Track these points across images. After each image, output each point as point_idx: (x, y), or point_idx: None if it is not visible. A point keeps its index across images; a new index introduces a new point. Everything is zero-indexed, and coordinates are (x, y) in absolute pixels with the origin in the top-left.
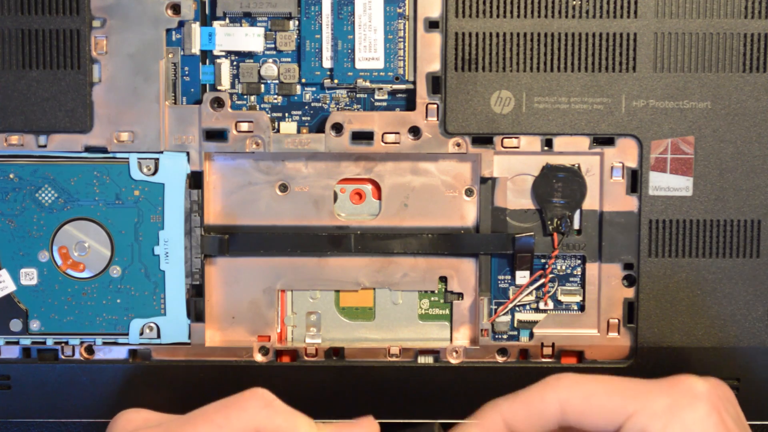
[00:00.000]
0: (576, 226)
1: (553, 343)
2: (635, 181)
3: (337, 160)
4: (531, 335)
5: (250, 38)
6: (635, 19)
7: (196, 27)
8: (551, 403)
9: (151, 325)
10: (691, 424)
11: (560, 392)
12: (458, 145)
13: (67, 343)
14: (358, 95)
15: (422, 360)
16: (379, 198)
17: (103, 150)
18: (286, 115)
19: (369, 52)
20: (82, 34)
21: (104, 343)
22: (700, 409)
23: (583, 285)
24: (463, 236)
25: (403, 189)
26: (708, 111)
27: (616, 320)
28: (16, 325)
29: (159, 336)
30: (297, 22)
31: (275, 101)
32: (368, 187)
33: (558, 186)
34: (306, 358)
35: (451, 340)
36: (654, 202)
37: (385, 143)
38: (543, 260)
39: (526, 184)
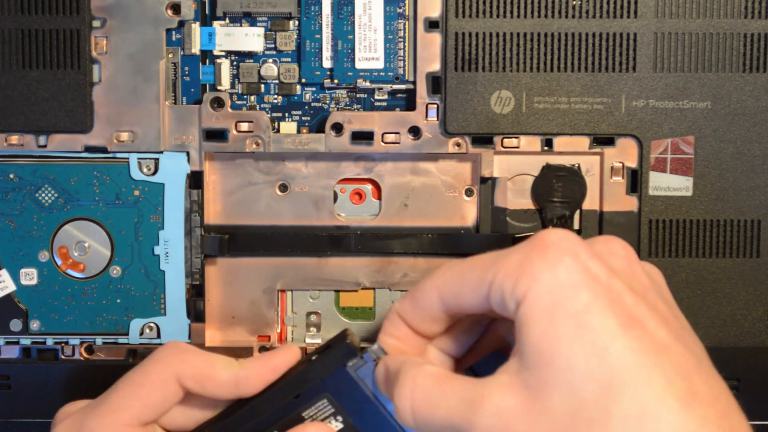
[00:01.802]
0: (576, 226)
1: None
2: (635, 181)
3: (337, 160)
4: None
5: (250, 38)
6: (635, 19)
7: (196, 27)
8: (429, 291)
9: (151, 325)
10: (539, 273)
11: (436, 280)
12: (458, 145)
13: (67, 343)
14: (358, 95)
15: None
16: (379, 198)
17: (103, 150)
18: (286, 115)
19: (369, 52)
20: (82, 34)
21: (104, 343)
22: (551, 257)
23: None
24: (463, 236)
25: (403, 189)
26: (708, 111)
27: None
28: (16, 325)
29: (159, 336)
30: (297, 22)
31: (275, 101)
32: (368, 187)
33: (558, 186)
34: None
35: None
36: (654, 202)
37: (385, 143)
38: None
39: (526, 184)
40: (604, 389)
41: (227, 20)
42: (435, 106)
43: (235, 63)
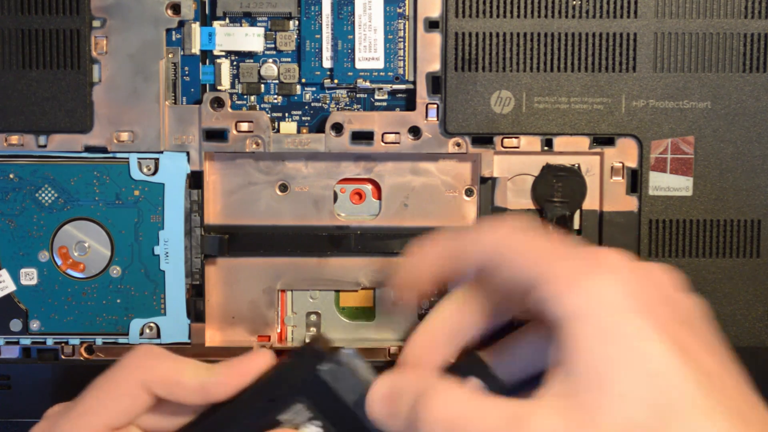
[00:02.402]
0: (576, 226)
1: None
2: (635, 181)
3: (337, 160)
4: None
5: (250, 38)
6: (635, 19)
7: (196, 27)
8: (486, 243)
9: (151, 325)
10: (596, 292)
11: (498, 236)
12: (458, 145)
13: (67, 343)
14: (358, 95)
15: None
16: (379, 198)
17: (103, 150)
18: (286, 115)
19: (369, 52)
20: (82, 34)
21: (104, 343)
22: (609, 278)
23: None
24: None
25: (403, 189)
26: (708, 111)
27: None
28: (16, 325)
29: (159, 336)
30: (297, 22)
31: (275, 101)
32: (368, 187)
33: (558, 186)
34: None
35: None
36: (654, 202)
37: (385, 143)
38: None
39: (526, 184)
40: (657, 415)
41: (227, 20)
42: (435, 106)
43: (235, 63)
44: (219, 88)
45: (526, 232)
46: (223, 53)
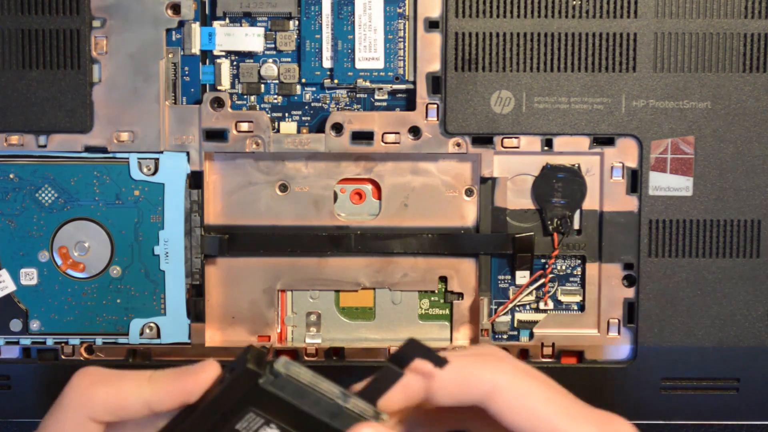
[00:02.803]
0: (576, 226)
1: (553, 343)
2: (635, 181)
3: (337, 160)
4: (531, 335)
5: (250, 38)
6: (635, 19)
7: (196, 27)
8: (485, 382)
9: (151, 325)
10: None
11: (497, 376)
12: (458, 145)
13: (67, 343)
14: (358, 95)
15: None
16: (379, 198)
17: (103, 150)
18: (286, 115)
19: (369, 52)
20: (82, 34)
21: (104, 343)
22: None
23: (583, 285)
24: (463, 236)
25: (403, 189)
26: (708, 111)
27: (616, 320)
28: (16, 325)
29: (159, 336)
30: (297, 22)
31: (275, 101)
32: (368, 187)
33: (558, 186)
34: (306, 358)
35: (451, 340)
36: (654, 202)
37: (385, 143)
38: (543, 260)
39: (526, 184)
40: None
41: (227, 20)
42: (435, 106)
43: (235, 63)
44: (219, 88)
45: (525, 375)
46: (223, 53)
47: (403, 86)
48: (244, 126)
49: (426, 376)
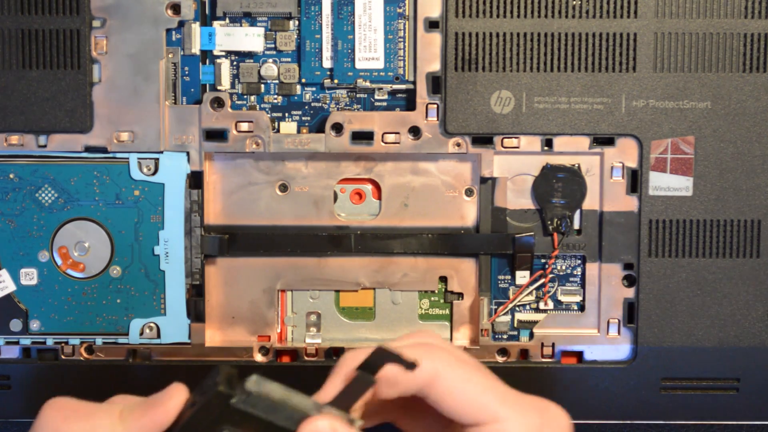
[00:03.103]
0: (576, 226)
1: (553, 343)
2: (635, 181)
3: (337, 160)
4: (531, 335)
5: (250, 38)
6: (635, 19)
7: (196, 27)
8: (425, 370)
9: (151, 325)
10: None
11: (437, 364)
12: (458, 145)
13: (67, 343)
14: (358, 95)
15: None
16: (379, 198)
17: (103, 150)
18: (286, 115)
19: (369, 52)
20: (82, 34)
21: (104, 343)
22: None
23: (583, 285)
24: (463, 236)
25: (403, 189)
26: (708, 111)
27: (616, 320)
28: (16, 325)
29: (159, 336)
30: (297, 22)
31: (275, 101)
32: (368, 187)
33: (558, 186)
34: (306, 358)
35: (451, 340)
36: (654, 202)
37: (385, 143)
38: (543, 260)
39: (526, 184)
40: None
41: (227, 20)
42: (435, 106)
43: (235, 63)
44: (219, 88)
45: (462, 364)
46: (223, 53)
47: (403, 86)
48: (244, 126)
49: (397, 381)
